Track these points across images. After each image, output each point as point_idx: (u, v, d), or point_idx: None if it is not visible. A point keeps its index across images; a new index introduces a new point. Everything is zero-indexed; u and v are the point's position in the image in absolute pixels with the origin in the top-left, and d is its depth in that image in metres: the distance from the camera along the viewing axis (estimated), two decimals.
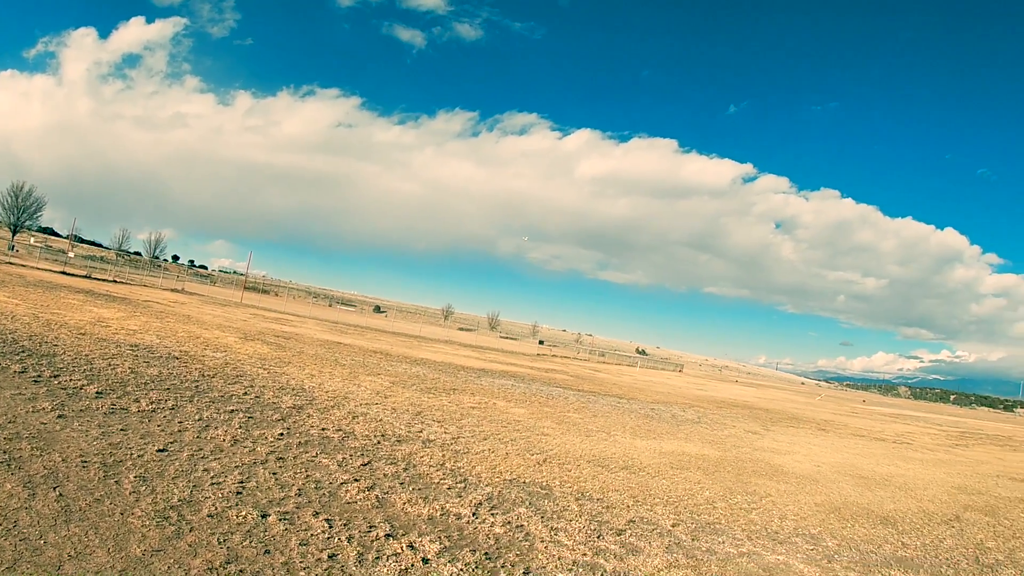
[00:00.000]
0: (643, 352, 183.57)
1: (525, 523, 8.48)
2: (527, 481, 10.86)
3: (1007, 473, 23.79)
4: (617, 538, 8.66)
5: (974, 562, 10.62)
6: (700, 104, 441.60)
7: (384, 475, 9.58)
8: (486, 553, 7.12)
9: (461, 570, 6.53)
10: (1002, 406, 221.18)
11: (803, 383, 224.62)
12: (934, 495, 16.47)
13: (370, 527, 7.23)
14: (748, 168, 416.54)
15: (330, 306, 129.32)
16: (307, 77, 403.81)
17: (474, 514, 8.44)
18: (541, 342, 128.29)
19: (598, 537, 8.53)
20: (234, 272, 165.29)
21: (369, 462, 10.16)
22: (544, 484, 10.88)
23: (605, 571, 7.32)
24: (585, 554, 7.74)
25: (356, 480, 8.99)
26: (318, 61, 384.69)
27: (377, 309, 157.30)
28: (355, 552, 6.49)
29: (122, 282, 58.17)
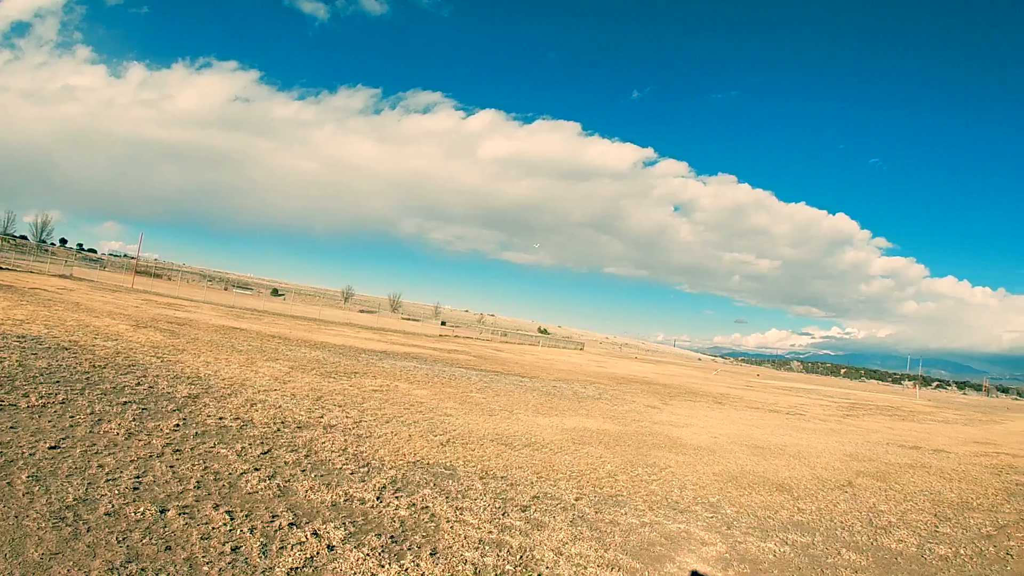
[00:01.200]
0: (545, 331, 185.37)
1: (430, 504, 8.55)
2: (431, 462, 10.91)
3: (896, 441, 25.02)
4: (522, 514, 8.81)
5: (868, 524, 11.16)
6: (604, 88, 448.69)
7: (285, 463, 9.48)
8: (392, 536, 7.15)
9: (367, 555, 6.55)
10: (890, 379, 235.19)
11: (700, 359, 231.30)
12: (827, 462, 17.18)
13: (273, 517, 7.16)
14: (649, 152, 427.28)
15: (226, 290, 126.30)
16: (204, 48, 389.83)
17: (378, 498, 8.45)
18: (443, 323, 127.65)
19: (503, 514, 8.65)
20: (125, 256, 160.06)
21: (269, 450, 10.03)
22: (448, 464, 10.95)
23: (511, 547, 7.44)
24: (491, 532, 7.86)
25: (256, 469, 8.87)
26: (216, 32, 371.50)
27: (275, 292, 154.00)
28: (258, 543, 6.42)
29: (7, 268, 55.78)
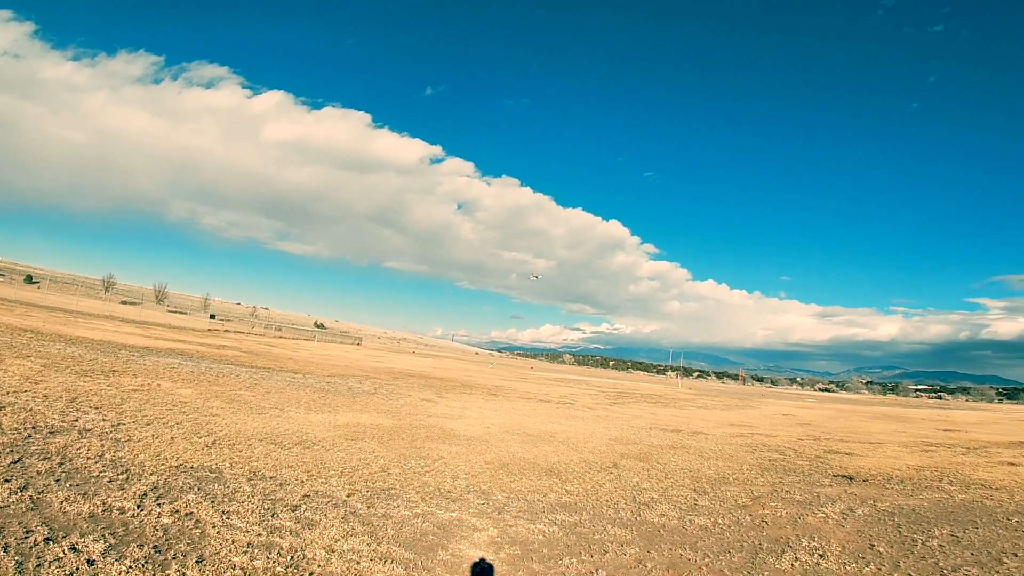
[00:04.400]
0: (321, 326, 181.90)
1: (195, 510, 8.32)
2: (195, 465, 10.60)
3: (658, 425, 26.77)
4: (292, 514, 8.78)
5: (632, 501, 11.96)
6: (399, 81, 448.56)
7: (37, 472, 8.91)
8: (155, 546, 6.91)
9: (129, 567, 6.31)
10: (655, 370, 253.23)
11: (477, 353, 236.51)
12: (594, 447, 18.13)
13: (27, 532, 6.75)
14: (437, 150, 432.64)
15: None
16: None
17: (139, 506, 8.11)
18: (213, 316, 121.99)
19: (272, 515, 8.59)
20: None
21: (19, 459, 9.39)
22: (213, 467, 10.68)
23: (281, 549, 7.41)
24: (260, 534, 7.78)
25: (6, 481, 8.29)
26: None
27: (28, 279, 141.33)
28: (13, 562, 6.05)
29: None
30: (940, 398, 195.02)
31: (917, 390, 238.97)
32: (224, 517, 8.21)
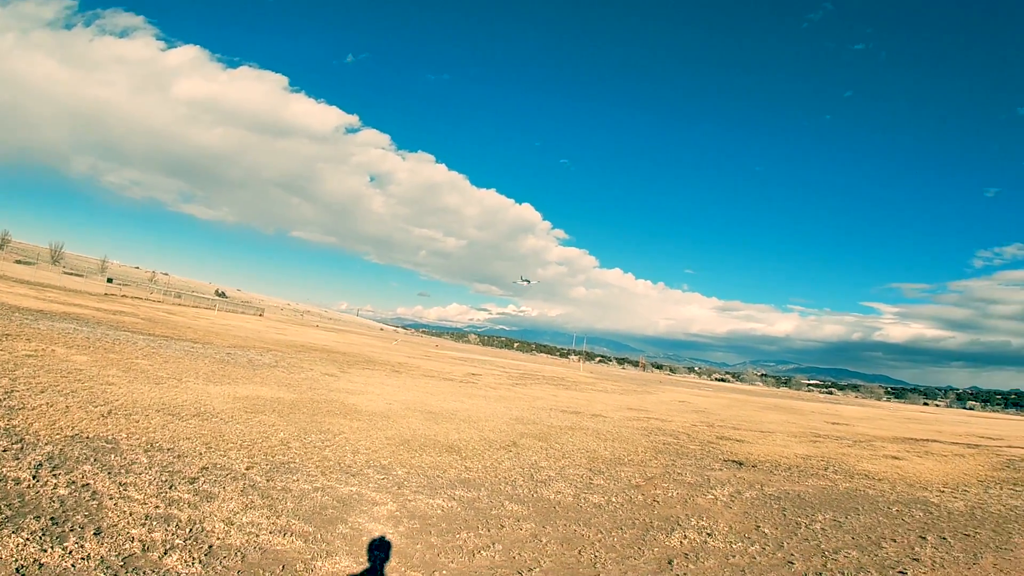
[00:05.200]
0: (223, 295, 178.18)
1: (91, 481, 8.23)
2: (91, 436, 10.43)
3: (559, 407, 27.33)
4: (190, 486, 8.76)
5: (529, 479, 12.28)
6: (319, 45, 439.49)
7: None
8: (52, 518, 6.85)
9: (27, 540, 6.25)
10: (559, 353, 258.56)
11: (382, 329, 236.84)
12: (495, 426, 18.43)
13: None
14: (353, 119, 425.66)
15: None
16: None
17: (35, 477, 7.98)
18: (110, 280, 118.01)
19: (170, 488, 8.55)
20: None
21: None
22: (110, 437, 10.53)
23: (180, 521, 7.42)
24: (158, 506, 7.76)
25: None
26: None
27: None
28: None
29: None
30: (831, 393, 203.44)
31: (809, 384, 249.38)
32: (121, 489, 8.15)
